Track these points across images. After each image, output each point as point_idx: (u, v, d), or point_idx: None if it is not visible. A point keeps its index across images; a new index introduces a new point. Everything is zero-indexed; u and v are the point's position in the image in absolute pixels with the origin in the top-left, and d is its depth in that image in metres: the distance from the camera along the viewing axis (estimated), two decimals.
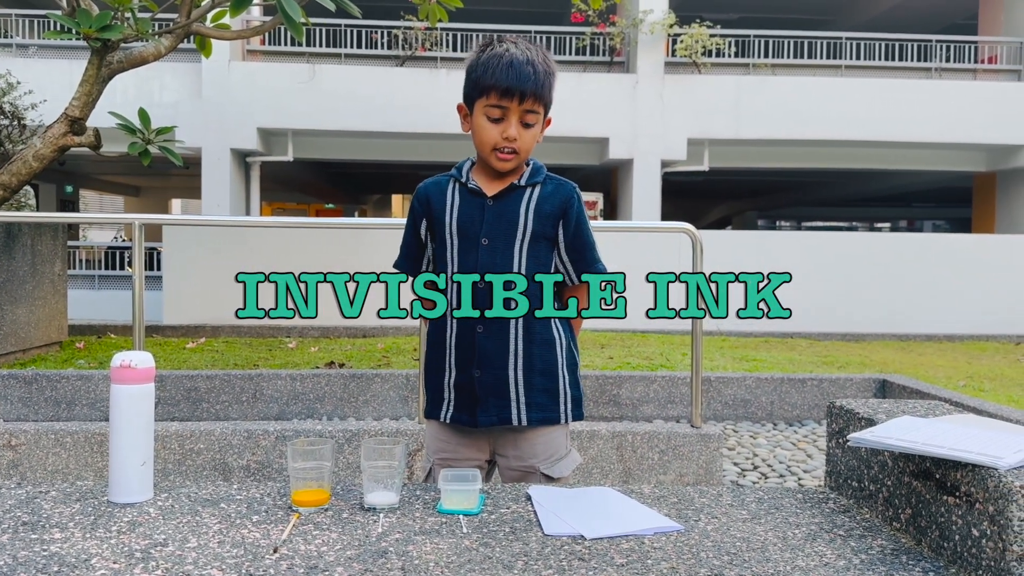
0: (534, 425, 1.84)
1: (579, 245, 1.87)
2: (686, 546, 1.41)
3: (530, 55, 1.77)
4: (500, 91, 1.75)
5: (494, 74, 1.75)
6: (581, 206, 1.88)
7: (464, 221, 1.83)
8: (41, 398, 4.71)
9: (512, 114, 1.77)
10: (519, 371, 1.82)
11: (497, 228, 1.82)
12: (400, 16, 11.85)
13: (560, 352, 1.87)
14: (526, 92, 1.75)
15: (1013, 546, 1.22)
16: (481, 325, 1.81)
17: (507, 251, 1.81)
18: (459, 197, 1.85)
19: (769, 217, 29.62)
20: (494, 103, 1.77)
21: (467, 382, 1.83)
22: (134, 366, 1.57)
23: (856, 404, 1.79)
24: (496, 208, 1.83)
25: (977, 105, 12.40)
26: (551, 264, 1.87)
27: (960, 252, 9.69)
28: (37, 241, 6.33)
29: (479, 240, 1.81)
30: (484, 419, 1.83)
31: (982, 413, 3.97)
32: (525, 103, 1.77)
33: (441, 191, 1.88)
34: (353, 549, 1.37)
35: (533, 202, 1.83)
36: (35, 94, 7.50)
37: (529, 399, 1.83)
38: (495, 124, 1.79)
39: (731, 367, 6.06)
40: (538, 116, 1.81)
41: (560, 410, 1.86)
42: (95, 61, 5.25)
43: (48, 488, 1.67)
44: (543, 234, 1.83)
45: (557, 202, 1.84)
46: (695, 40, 12.15)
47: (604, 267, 1.91)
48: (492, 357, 1.82)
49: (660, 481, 3.59)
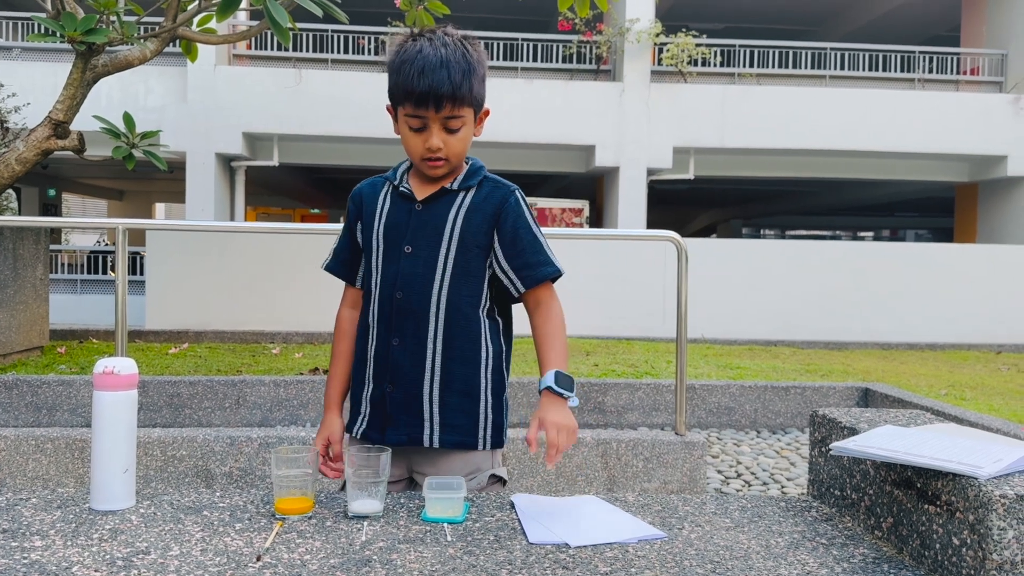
0: (447, 448, 1.70)
1: (520, 247, 1.70)
2: (670, 554, 1.42)
3: (444, 54, 1.60)
4: (414, 101, 1.62)
5: (407, 82, 1.61)
6: (520, 207, 1.72)
7: (390, 226, 1.71)
8: (22, 403, 4.67)
9: (432, 123, 1.63)
10: (434, 389, 1.68)
11: (421, 235, 1.69)
12: (387, 22, 11.85)
13: (484, 372, 1.71)
14: (442, 100, 1.60)
15: (993, 555, 1.23)
16: (397, 338, 1.69)
17: (430, 260, 1.68)
18: (390, 201, 1.74)
19: (754, 226, 29.76)
20: (411, 113, 1.64)
21: (380, 397, 1.72)
22: (117, 372, 1.56)
23: (838, 413, 1.81)
24: (423, 214, 1.70)
25: (959, 116, 12.53)
26: (483, 275, 1.71)
27: (942, 262, 9.78)
28: (19, 245, 6.28)
29: (402, 247, 1.69)
30: (393, 437, 1.70)
31: (963, 422, 4.00)
32: (443, 111, 1.62)
33: (375, 194, 1.77)
34: (337, 557, 1.37)
35: (465, 207, 1.69)
36: (18, 97, 7.46)
37: (444, 420, 1.69)
38: (417, 134, 1.65)
39: (715, 375, 6.08)
40: (462, 119, 1.65)
41: (479, 435, 1.71)
42: (80, 64, 5.22)
43: (29, 495, 1.66)
44: (474, 242, 1.68)
45: (490, 206, 1.70)
46: (681, 49, 12.22)
47: (555, 270, 1.73)
48: (406, 372, 1.69)
49: (644, 489, 3.59)
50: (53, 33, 4.91)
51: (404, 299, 1.69)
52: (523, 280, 1.71)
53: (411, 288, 1.69)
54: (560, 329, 1.73)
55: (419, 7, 6.05)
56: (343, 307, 1.85)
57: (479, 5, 14.73)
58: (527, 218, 1.72)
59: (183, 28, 5.59)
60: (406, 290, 1.69)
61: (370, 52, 12.59)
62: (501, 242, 1.70)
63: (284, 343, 8.03)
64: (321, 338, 8.18)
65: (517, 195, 1.73)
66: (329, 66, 12.30)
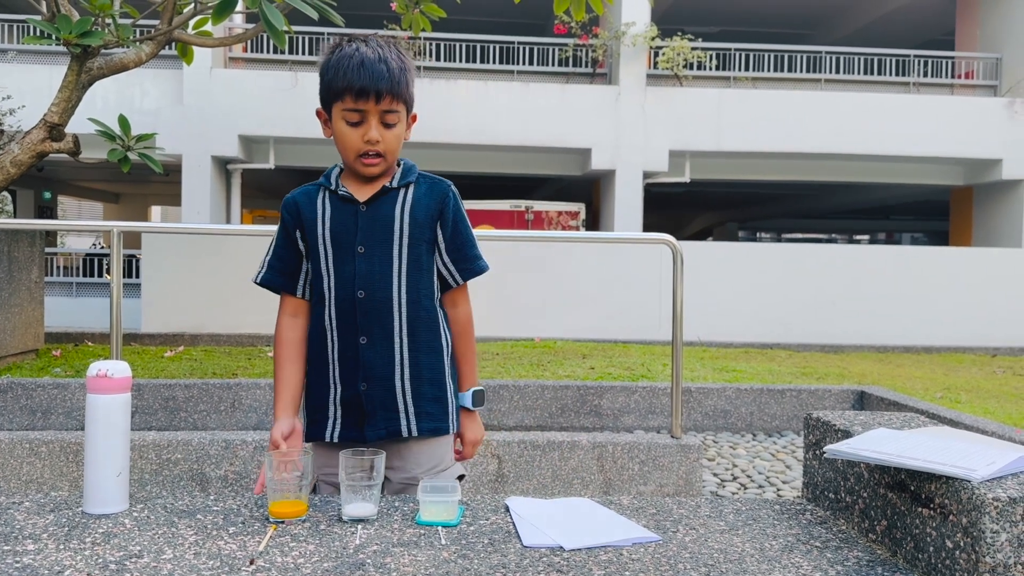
0: (424, 435, 1.77)
1: (459, 243, 1.80)
2: (664, 557, 1.42)
3: (382, 52, 1.71)
4: (354, 93, 1.68)
5: (346, 75, 1.68)
6: (458, 204, 1.81)
7: (337, 230, 1.75)
8: (16, 406, 4.66)
9: (371, 116, 1.70)
10: (406, 381, 1.75)
11: (372, 234, 1.74)
12: (383, 25, 11.86)
13: (446, 358, 1.81)
14: (382, 91, 1.68)
15: (986, 558, 1.23)
16: (364, 336, 1.74)
17: (385, 257, 1.74)
18: (330, 206, 1.77)
19: (749, 229, 29.82)
20: (350, 106, 1.70)
21: (353, 396, 1.75)
22: (110, 375, 1.56)
23: (832, 416, 1.81)
24: (369, 214, 1.75)
25: (954, 120, 12.57)
26: (433, 267, 1.79)
27: (937, 265, 9.80)
28: (14, 247, 6.26)
29: (355, 248, 1.73)
30: (372, 433, 1.75)
31: (958, 425, 4.01)
32: (382, 102, 1.69)
33: (311, 201, 1.79)
34: (330, 561, 1.36)
35: (408, 204, 1.76)
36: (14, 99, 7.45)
37: (418, 409, 1.76)
38: (355, 128, 1.71)
39: (711, 378, 6.08)
40: (399, 115, 1.73)
41: (449, 419, 1.80)
42: (75, 67, 5.22)
43: (22, 498, 1.65)
44: (421, 236, 1.76)
45: (432, 202, 1.77)
46: (677, 53, 12.25)
47: (485, 265, 1.84)
48: (378, 369, 1.74)
49: (640, 492, 3.59)
50: (48, 35, 4.91)
51: (367, 298, 1.73)
52: (461, 273, 1.82)
53: (372, 286, 1.73)
54: (471, 332, 1.87)
55: (415, 10, 6.06)
56: (283, 316, 1.84)
57: (475, 8, 14.74)
58: (463, 214, 1.83)
59: (179, 31, 5.58)
60: (367, 288, 1.73)
61: None
62: (443, 236, 1.79)
63: None
64: None
65: (454, 191, 1.82)
66: None
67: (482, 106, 11.97)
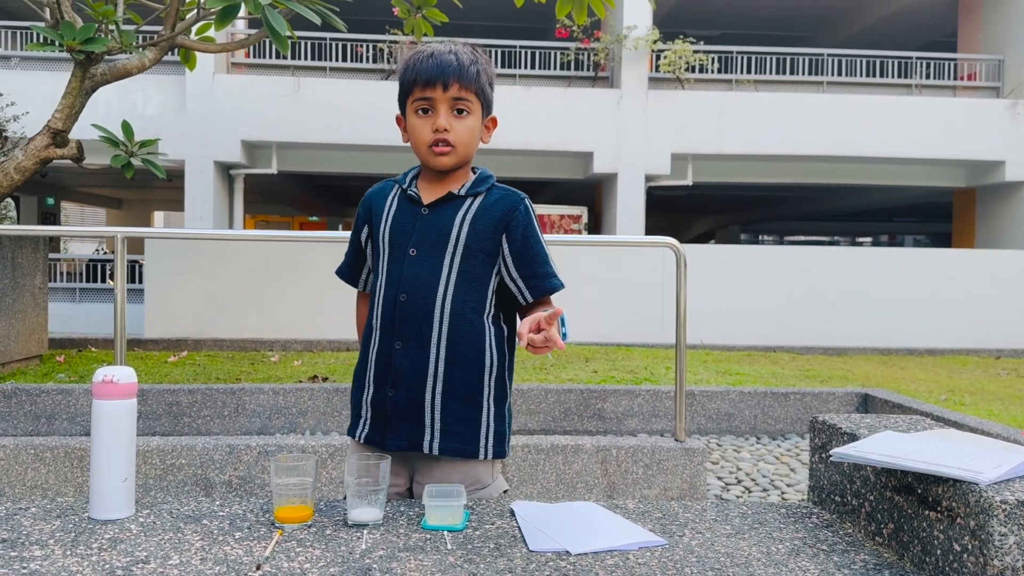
0: (448, 455, 1.69)
1: (529, 258, 1.71)
2: (670, 561, 1.41)
3: (454, 47, 1.70)
4: (423, 82, 1.67)
5: (415, 69, 1.68)
6: (530, 216, 1.73)
7: (396, 229, 1.72)
8: (21, 412, 4.66)
9: (440, 104, 1.67)
10: (437, 394, 1.68)
11: (426, 238, 1.69)
12: (385, 30, 11.88)
13: (488, 380, 1.71)
14: (449, 78, 1.65)
15: (994, 561, 1.23)
16: (400, 342, 1.69)
17: (435, 263, 1.68)
18: (397, 204, 1.75)
19: (752, 231, 29.78)
20: (419, 96, 1.68)
21: (381, 401, 1.71)
22: (116, 381, 1.56)
23: (838, 419, 1.81)
24: (429, 217, 1.71)
25: (957, 121, 12.56)
26: (488, 281, 1.71)
27: (941, 267, 9.79)
28: (18, 254, 6.28)
29: (407, 250, 1.70)
30: (393, 443, 1.70)
31: (963, 427, 4.00)
32: (451, 90, 1.66)
33: (384, 197, 1.79)
34: (337, 566, 1.36)
35: (471, 213, 1.70)
36: (17, 106, 7.47)
37: (444, 426, 1.68)
38: (425, 117, 1.68)
39: (715, 381, 6.08)
40: (471, 104, 1.69)
41: (480, 444, 1.70)
42: (78, 73, 5.23)
43: (28, 504, 1.65)
44: (479, 247, 1.69)
45: (499, 213, 1.71)
46: (678, 56, 12.25)
47: (560, 283, 1.75)
48: (408, 376, 1.68)
49: (644, 496, 3.59)
50: (52, 42, 4.92)
51: (408, 302, 1.69)
52: (531, 290, 1.73)
53: (415, 291, 1.68)
54: None
55: (417, 15, 6.07)
56: (360, 308, 1.89)
57: (477, 13, 14.77)
58: (536, 228, 1.74)
59: (182, 37, 5.60)
60: (410, 293, 1.69)
61: (368, 60, 12.61)
62: (511, 250, 1.71)
63: (283, 351, 8.02)
64: (320, 346, 8.18)
65: (527, 203, 1.74)
66: (327, 74, 12.32)
67: None
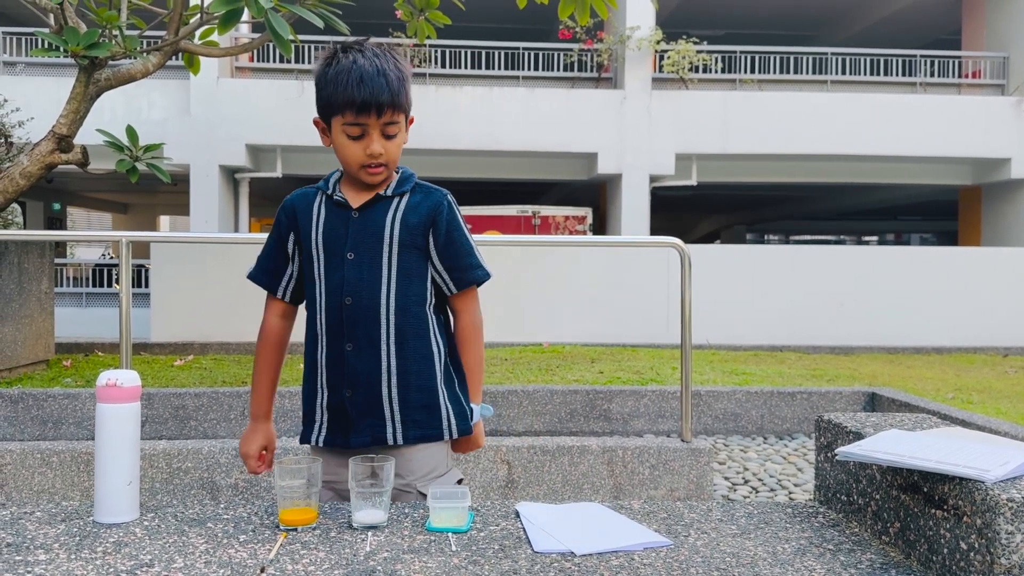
0: (412, 443, 1.74)
1: (453, 251, 1.77)
2: (676, 562, 1.41)
3: (380, 63, 1.69)
4: (355, 109, 1.67)
5: (346, 91, 1.67)
6: (453, 212, 1.79)
7: (329, 236, 1.75)
8: (27, 417, 4.68)
9: (372, 129, 1.69)
10: (393, 389, 1.73)
11: (362, 241, 1.73)
12: (388, 33, 11.89)
13: (438, 366, 1.77)
14: (383, 106, 1.67)
15: (1001, 559, 1.22)
16: (350, 343, 1.73)
17: (375, 264, 1.72)
18: (325, 210, 1.77)
19: (757, 231, 29.73)
20: (351, 121, 1.69)
21: (339, 403, 1.74)
22: (120, 385, 1.56)
23: (844, 418, 1.80)
24: (360, 220, 1.74)
25: (962, 119, 12.53)
26: (425, 274, 1.77)
27: (947, 265, 9.75)
28: (24, 259, 6.29)
29: (344, 255, 1.73)
30: (356, 440, 1.73)
31: (970, 426, 3.99)
32: (383, 116, 1.69)
33: (308, 204, 1.80)
34: (341, 568, 1.36)
35: (400, 211, 1.75)
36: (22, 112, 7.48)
37: (405, 416, 1.73)
38: (356, 142, 1.70)
39: (721, 381, 6.06)
40: (399, 125, 1.73)
41: (442, 426, 1.76)
42: (83, 78, 5.25)
43: (33, 508, 1.66)
44: (412, 243, 1.74)
45: (425, 210, 1.76)
46: (682, 56, 12.24)
47: (485, 274, 1.81)
48: (363, 376, 1.72)
49: (651, 496, 3.58)
50: (56, 48, 4.94)
51: (354, 304, 1.72)
52: (455, 282, 1.79)
53: (359, 293, 1.72)
54: (474, 341, 1.84)
55: (420, 18, 6.07)
56: (269, 316, 1.88)
57: (480, 15, 14.77)
58: (460, 222, 1.80)
59: (185, 41, 5.61)
60: (355, 295, 1.72)
61: None
62: (436, 244, 1.76)
63: (289, 354, 8.01)
64: None
65: (449, 199, 1.80)
66: None
67: (488, 112, 11.98)
